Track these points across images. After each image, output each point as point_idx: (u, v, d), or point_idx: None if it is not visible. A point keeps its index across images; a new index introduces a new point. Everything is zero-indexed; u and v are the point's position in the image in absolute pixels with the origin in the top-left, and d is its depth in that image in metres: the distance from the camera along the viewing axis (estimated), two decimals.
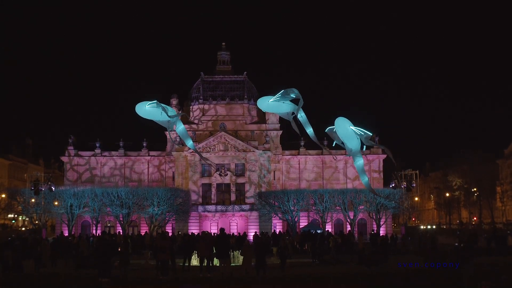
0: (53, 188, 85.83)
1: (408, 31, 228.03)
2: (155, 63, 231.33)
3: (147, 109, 34.00)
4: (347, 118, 33.76)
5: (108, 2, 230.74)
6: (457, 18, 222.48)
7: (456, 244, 58.91)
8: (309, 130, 33.92)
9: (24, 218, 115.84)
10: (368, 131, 33.54)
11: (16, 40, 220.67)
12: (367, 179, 34.22)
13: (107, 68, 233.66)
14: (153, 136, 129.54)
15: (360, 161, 33.28)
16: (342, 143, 33.75)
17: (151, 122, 34.99)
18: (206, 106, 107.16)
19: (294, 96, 33.54)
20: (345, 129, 33.04)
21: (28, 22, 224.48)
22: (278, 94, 33.41)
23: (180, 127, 34.44)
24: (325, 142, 73.09)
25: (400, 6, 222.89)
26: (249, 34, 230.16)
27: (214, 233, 57.71)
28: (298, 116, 33.85)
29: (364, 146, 33.89)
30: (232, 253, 46.22)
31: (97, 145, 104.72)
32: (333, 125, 33.81)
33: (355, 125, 33.60)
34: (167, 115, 33.77)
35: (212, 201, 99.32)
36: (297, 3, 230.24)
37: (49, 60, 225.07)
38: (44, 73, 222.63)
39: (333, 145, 36.05)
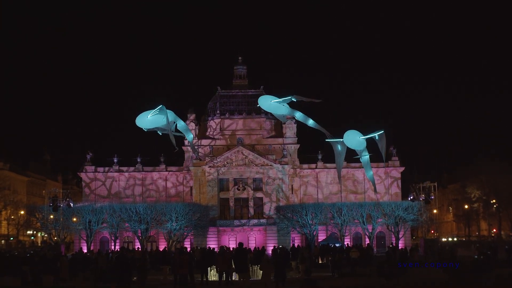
0: (72, 204, 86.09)
1: (423, 38, 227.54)
2: (171, 78, 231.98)
3: (149, 119, 33.29)
4: (361, 129, 33.94)
5: (126, 18, 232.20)
6: (473, 24, 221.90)
7: (476, 256, 58.53)
8: (310, 122, 33.99)
9: (43, 234, 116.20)
10: (377, 132, 33.77)
11: (35, 56, 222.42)
12: (371, 173, 34.77)
13: (124, 84, 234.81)
14: (170, 151, 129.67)
15: (366, 156, 33.51)
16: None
17: (168, 137, 34.62)
18: (223, 121, 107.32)
19: (295, 100, 33.76)
20: (356, 141, 33.06)
21: (48, 36, 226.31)
22: (280, 100, 33.65)
23: (181, 123, 34.21)
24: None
25: (418, 15, 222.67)
26: (265, 47, 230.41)
27: (232, 248, 57.60)
28: (297, 116, 34.09)
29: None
30: (251, 268, 46.12)
31: (115, 160, 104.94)
32: (341, 137, 33.98)
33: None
34: (167, 118, 33.17)
35: (230, 216, 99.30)
36: (313, 16, 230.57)
37: (67, 76, 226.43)
38: (63, 90, 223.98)
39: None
